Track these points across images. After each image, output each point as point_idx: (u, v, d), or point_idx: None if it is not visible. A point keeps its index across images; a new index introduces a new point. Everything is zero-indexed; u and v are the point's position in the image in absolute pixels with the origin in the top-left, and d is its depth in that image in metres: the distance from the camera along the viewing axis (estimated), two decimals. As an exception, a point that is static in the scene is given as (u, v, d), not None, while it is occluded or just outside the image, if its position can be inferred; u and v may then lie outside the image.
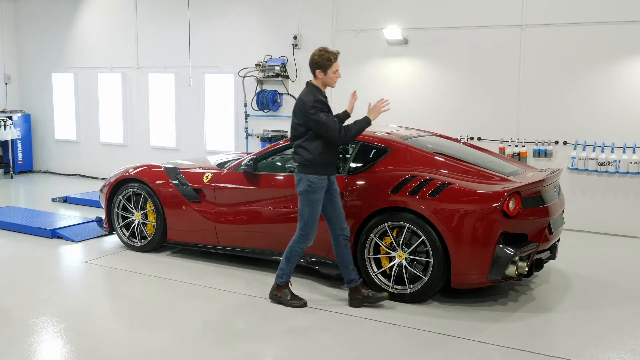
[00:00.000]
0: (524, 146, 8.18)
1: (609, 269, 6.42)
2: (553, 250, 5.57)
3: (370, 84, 9.12)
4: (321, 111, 4.97)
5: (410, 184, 5.18)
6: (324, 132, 4.95)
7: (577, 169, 7.90)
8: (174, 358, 4.27)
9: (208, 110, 10.64)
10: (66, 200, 9.64)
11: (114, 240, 7.20)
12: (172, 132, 11.09)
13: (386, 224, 5.27)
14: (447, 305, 5.25)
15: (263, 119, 10.15)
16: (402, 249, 5.23)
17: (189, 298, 5.49)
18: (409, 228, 5.16)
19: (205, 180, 6.41)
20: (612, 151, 7.73)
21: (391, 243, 5.29)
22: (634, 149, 7.60)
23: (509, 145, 8.24)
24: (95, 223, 7.48)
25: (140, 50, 11.33)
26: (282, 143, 6.30)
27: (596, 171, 7.81)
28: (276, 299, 5.23)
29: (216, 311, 5.19)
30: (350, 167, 5.71)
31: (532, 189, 5.22)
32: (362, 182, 5.50)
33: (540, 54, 8.04)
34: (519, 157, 8.10)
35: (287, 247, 5.18)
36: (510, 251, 4.96)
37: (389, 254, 5.32)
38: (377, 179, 5.44)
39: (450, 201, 5.03)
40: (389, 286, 5.29)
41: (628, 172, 7.63)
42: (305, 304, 5.17)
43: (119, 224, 6.94)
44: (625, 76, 7.63)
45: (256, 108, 10.01)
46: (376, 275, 5.35)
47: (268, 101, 9.80)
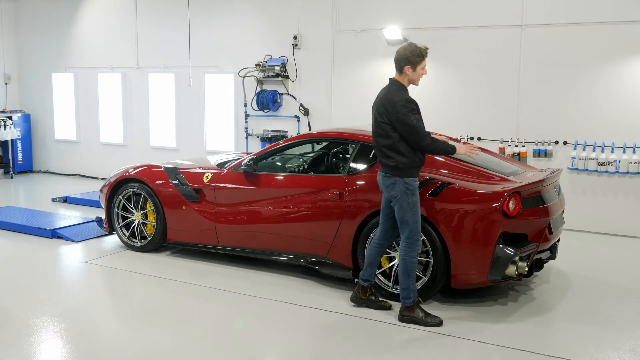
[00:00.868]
0: (524, 146, 8.18)
1: (609, 269, 6.42)
2: (553, 250, 5.56)
3: (370, 84, 9.11)
4: (412, 112, 4.71)
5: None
6: (410, 135, 4.69)
7: (577, 169, 7.90)
8: (174, 358, 4.27)
9: (208, 110, 10.64)
10: (66, 200, 9.64)
11: (114, 240, 7.20)
12: (172, 132, 11.09)
13: (386, 224, 5.27)
14: (447, 305, 5.25)
15: (263, 119, 10.15)
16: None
17: (189, 298, 5.49)
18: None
19: (205, 180, 6.41)
20: (612, 151, 7.73)
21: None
22: (634, 149, 7.60)
23: (509, 145, 8.24)
24: (95, 223, 7.48)
25: (140, 50, 11.33)
26: (282, 143, 6.30)
27: (596, 171, 7.81)
28: (409, 319, 4.82)
29: (216, 311, 5.19)
30: (351, 167, 5.71)
31: (532, 189, 5.22)
32: (362, 182, 5.50)
33: (540, 54, 8.04)
34: (519, 157, 8.10)
35: (399, 262, 4.85)
36: (510, 251, 4.95)
37: (389, 254, 5.31)
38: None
39: (450, 201, 5.03)
40: (389, 286, 5.29)
41: (628, 172, 7.63)
42: (441, 323, 4.78)
43: (119, 224, 6.94)
44: (625, 76, 7.63)
45: (256, 108, 10.01)
46: (376, 275, 5.34)
47: (268, 101, 9.80)
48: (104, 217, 7.06)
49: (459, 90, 8.62)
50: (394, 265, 5.27)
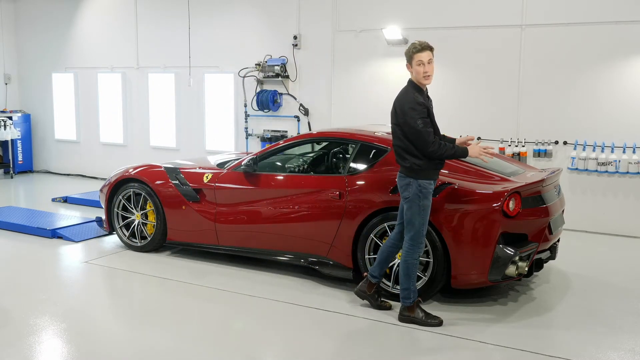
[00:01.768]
0: (524, 146, 8.18)
1: (609, 269, 6.42)
2: (553, 250, 5.56)
3: (371, 84, 9.12)
4: (420, 116, 4.61)
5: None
6: (416, 140, 4.63)
7: (577, 169, 7.90)
8: (174, 358, 4.27)
9: (208, 110, 10.64)
10: (66, 200, 9.64)
11: (114, 240, 7.19)
12: (172, 132, 11.09)
13: (386, 224, 5.27)
14: (447, 305, 5.25)
15: (263, 119, 10.15)
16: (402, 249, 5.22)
17: (189, 298, 5.49)
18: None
19: (205, 180, 6.41)
20: (612, 151, 7.73)
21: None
22: (634, 149, 7.60)
23: (509, 145, 8.24)
24: (95, 223, 7.48)
25: (140, 50, 11.33)
26: (282, 143, 6.30)
27: (596, 171, 7.81)
28: (409, 319, 4.82)
29: (216, 311, 5.19)
30: (350, 167, 5.71)
31: (532, 189, 5.22)
32: (362, 182, 5.50)
33: (540, 53, 8.04)
34: (519, 157, 8.10)
35: (400, 263, 4.83)
36: (510, 251, 4.95)
37: (389, 254, 5.32)
38: (377, 179, 5.43)
39: (450, 201, 5.03)
40: (389, 286, 5.29)
41: (628, 172, 7.63)
42: (441, 323, 4.78)
43: (119, 224, 6.94)
44: (625, 76, 7.63)
45: (256, 108, 10.01)
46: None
47: (268, 101, 9.80)
48: (104, 217, 7.06)
49: (459, 90, 8.62)
50: (394, 265, 5.27)
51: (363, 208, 5.39)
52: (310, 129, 9.52)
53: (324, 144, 6.66)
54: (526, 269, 5.05)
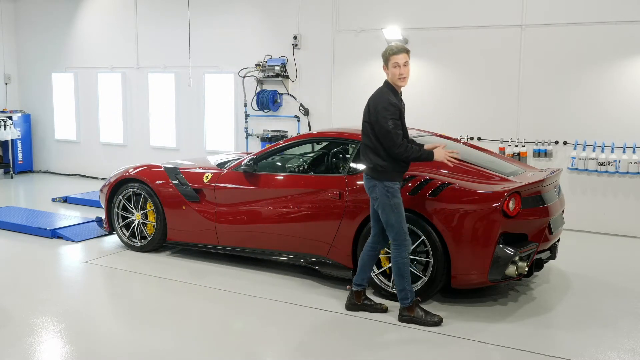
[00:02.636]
0: (524, 146, 8.18)
1: (609, 269, 6.42)
2: (553, 250, 5.56)
3: (371, 84, 9.09)
4: (391, 117, 4.64)
5: (410, 184, 5.17)
6: (384, 139, 4.64)
7: (577, 169, 7.90)
8: (174, 358, 4.27)
9: (208, 110, 10.64)
10: (66, 200, 9.65)
11: (114, 240, 7.20)
12: (172, 132, 11.09)
13: (386, 224, 5.27)
14: (447, 305, 5.25)
15: (263, 119, 10.15)
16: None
17: (189, 298, 5.49)
18: (408, 228, 5.15)
19: (205, 180, 6.41)
20: (612, 151, 7.73)
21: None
22: (634, 149, 7.60)
23: (509, 145, 8.24)
24: (95, 223, 7.48)
25: (140, 50, 11.34)
26: (282, 143, 6.30)
27: (596, 171, 7.81)
28: (409, 319, 4.81)
29: (216, 311, 5.19)
30: (351, 167, 5.71)
31: (532, 189, 5.22)
32: (362, 182, 5.49)
33: (540, 53, 8.04)
34: (519, 157, 8.10)
35: (392, 265, 4.82)
36: (510, 251, 4.95)
37: (389, 254, 5.30)
38: (377, 179, 5.42)
39: (450, 201, 5.03)
40: (389, 286, 5.28)
41: (628, 172, 7.63)
42: (441, 321, 4.78)
43: (119, 224, 6.94)
44: (625, 76, 7.62)
45: (256, 108, 10.01)
46: (376, 275, 5.35)
47: (268, 101, 9.80)
48: (104, 217, 7.06)
49: (459, 90, 8.62)
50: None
51: (363, 208, 5.38)
52: (310, 129, 9.52)
53: (324, 144, 6.67)
54: (526, 269, 5.05)
